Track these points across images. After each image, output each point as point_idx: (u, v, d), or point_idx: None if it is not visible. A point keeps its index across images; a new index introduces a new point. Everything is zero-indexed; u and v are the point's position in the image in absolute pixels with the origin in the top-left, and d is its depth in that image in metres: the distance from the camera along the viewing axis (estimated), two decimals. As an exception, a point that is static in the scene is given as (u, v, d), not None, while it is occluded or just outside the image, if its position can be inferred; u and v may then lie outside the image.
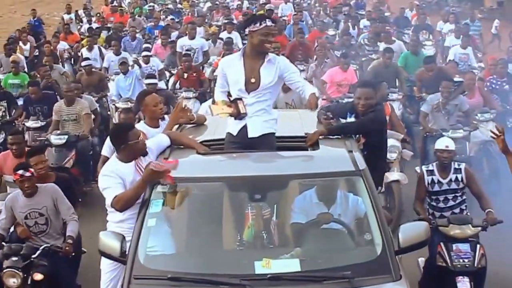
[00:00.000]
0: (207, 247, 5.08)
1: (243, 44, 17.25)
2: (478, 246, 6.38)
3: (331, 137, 5.65)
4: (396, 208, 8.35)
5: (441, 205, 6.96)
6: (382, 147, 6.15)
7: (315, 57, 13.52)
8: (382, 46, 15.35)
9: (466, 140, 9.71)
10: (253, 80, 5.44)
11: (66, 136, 9.79)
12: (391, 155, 8.62)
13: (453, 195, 6.94)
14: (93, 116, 10.62)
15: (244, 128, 5.52)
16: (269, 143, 5.53)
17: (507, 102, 11.11)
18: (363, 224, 5.15)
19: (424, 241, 4.92)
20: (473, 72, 11.25)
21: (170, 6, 24.82)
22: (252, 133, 5.51)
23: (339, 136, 5.68)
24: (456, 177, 6.92)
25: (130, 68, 12.74)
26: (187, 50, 14.20)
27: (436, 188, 6.93)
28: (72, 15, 22.82)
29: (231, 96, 5.61)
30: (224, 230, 5.24)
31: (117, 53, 14.64)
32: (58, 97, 11.63)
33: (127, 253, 4.80)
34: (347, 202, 5.35)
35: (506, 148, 6.22)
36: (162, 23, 19.78)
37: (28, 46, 18.00)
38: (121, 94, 12.32)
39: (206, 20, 19.78)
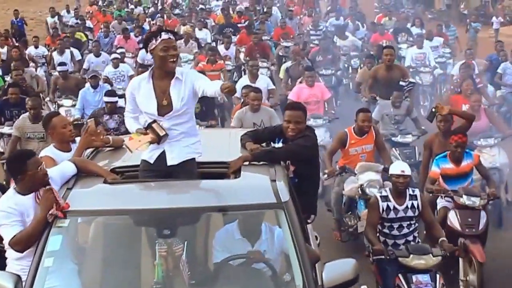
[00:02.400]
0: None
1: (212, 40, 17.17)
2: (437, 276, 6.10)
3: (256, 163, 5.13)
4: None
5: (395, 232, 6.62)
6: (315, 174, 5.68)
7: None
8: (338, 41, 16.35)
9: (415, 145, 9.46)
10: (165, 103, 4.88)
11: None
12: (372, 190, 7.67)
13: (408, 222, 6.62)
14: None
15: (162, 155, 4.98)
16: (189, 170, 4.99)
17: None
18: (283, 262, 4.71)
19: (352, 280, 4.47)
20: (478, 94, 10.16)
21: (152, 9, 24.51)
22: (171, 160, 4.97)
23: (266, 163, 5.16)
24: (412, 204, 6.60)
25: (100, 83, 12.02)
26: (148, 64, 13.43)
27: (392, 215, 6.56)
28: (56, 19, 22.50)
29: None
30: (128, 269, 4.75)
31: (97, 55, 14.77)
32: None
33: None
34: (268, 238, 4.89)
35: None
36: (146, 26, 19.65)
37: (5, 50, 17.60)
38: (85, 108, 11.40)
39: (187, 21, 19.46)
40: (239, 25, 18.62)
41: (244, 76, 12.11)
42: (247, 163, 5.08)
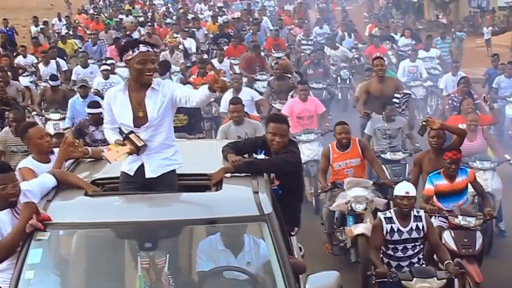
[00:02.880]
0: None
1: (197, 49, 16.99)
2: None
3: (238, 175, 5.08)
4: (362, 263, 7.36)
5: (399, 254, 6.50)
6: (298, 189, 5.66)
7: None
8: (328, 51, 16.31)
9: (405, 162, 9.25)
10: (141, 114, 4.80)
11: None
12: (358, 206, 7.60)
13: (413, 244, 6.49)
14: None
15: (141, 167, 4.91)
16: (169, 182, 4.93)
17: None
18: (266, 274, 4.65)
19: None
20: (476, 114, 9.62)
21: (142, 18, 24.49)
22: (150, 173, 4.90)
23: (248, 174, 5.11)
24: (417, 226, 6.47)
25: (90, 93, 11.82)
26: None
27: (396, 237, 6.44)
28: (39, 28, 22.43)
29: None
30: (111, 282, 4.72)
31: (85, 66, 14.53)
32: None
33: None
34: (251, 249, 4.84)
35: None
36: (136, 34, 19.60)
37: None
38: (74, 118, 11.19)
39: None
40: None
41: (229, 90, 11.91)
42: (228, 175, 5.03)
